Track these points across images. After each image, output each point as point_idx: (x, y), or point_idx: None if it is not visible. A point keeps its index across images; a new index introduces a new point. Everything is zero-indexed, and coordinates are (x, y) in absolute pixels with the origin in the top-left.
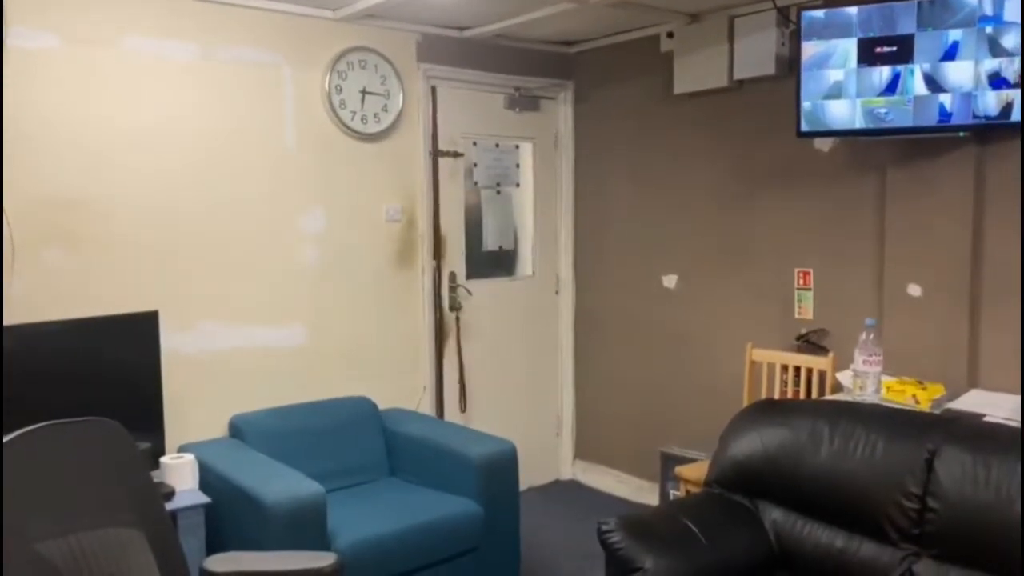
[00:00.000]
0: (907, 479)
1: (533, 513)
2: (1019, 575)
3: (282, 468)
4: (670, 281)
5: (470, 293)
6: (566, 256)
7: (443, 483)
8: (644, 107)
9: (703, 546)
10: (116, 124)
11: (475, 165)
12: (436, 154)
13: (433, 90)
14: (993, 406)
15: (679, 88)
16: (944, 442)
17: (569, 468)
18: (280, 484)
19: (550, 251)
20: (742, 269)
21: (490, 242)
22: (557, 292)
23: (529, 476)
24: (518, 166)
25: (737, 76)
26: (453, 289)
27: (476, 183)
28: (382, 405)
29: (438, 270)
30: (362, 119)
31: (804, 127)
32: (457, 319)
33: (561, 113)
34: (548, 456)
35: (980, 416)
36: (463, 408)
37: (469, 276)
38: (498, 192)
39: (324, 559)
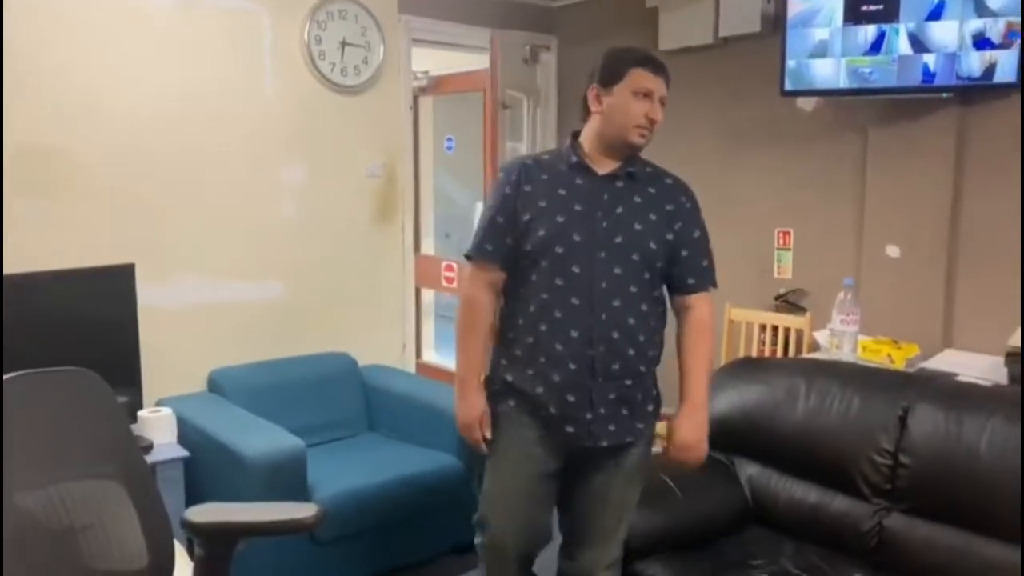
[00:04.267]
0: (881, 436)
1: None
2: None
3: (262, 422)
4: None
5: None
6: None
7: (423, 438)
8: None
9: (680, 501)
10: (91, 72)
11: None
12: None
13: (414, 43)
14: (966, 366)
15: (664, 45)
16: (917, 400)
17: None
18: (260, 438)
19: None
20: (723, 228)
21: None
22: None
23: None
24: (523, 120)
25: (722, 33)
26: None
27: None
28: (362, 361)
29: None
30: (342, 71)
31: (788, 86)
32: None
33: (545, 69)
34: None
35: (953, 375)
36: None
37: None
38: (514, 149)
39: (306, 510)
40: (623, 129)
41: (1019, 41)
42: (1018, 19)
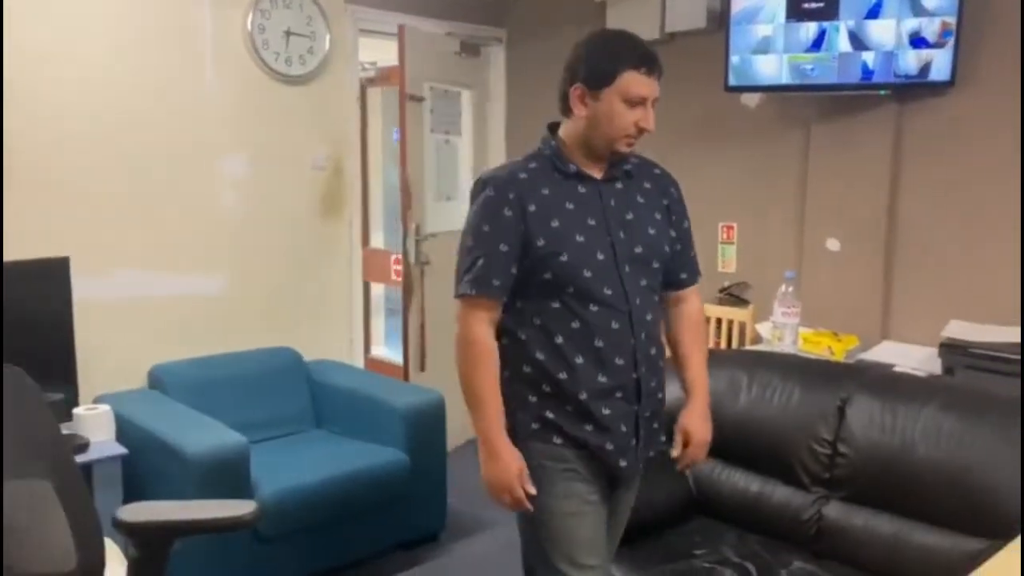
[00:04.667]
0: (820, 426)
1: (462, 463)
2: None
3: (203, 419)
4: None
5: (432, 248)
6: None
7: (370, 434)
8: None
9: None
10: (24, 61)
11: (432, 111)
12: (405, 98)
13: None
14: (903, 357)
15: None
16: (855, 391)
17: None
18: (201, 435)
19: None
20: None
21: (441, 192)
22: None
23: (459, 430)
24: (460, 114)
25: (669, 29)
26: (418, 243)
27: (433, 130)
28: (308, 356)
29: (405, 222)
30: (286, 61)
31: (732, 81)
32: (422, 274)
33: (494, 61)
34: None
35: (890, 366)
36: (421, 367)
37: (429, 228)
38: (447, 141)
39: (243, 507)
40: (609, 139)
41: (953, 40)
42: (953, 19)
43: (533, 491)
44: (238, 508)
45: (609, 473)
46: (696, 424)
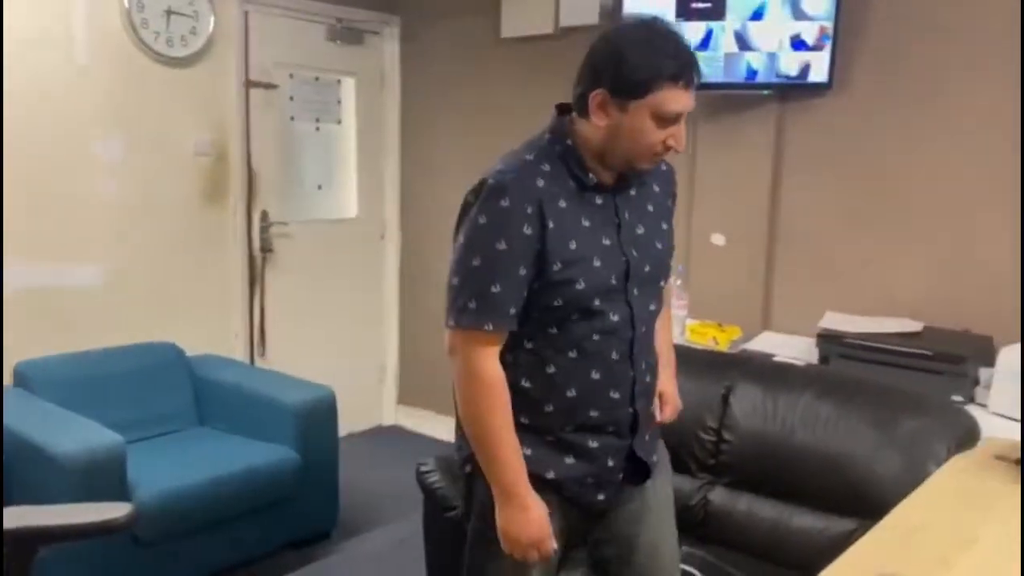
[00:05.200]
0: (706, 414)
1: (354, 459)
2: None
3: (74, 418)
4: None
5: (287, 235)
6: (392, 199)
7: (257, 431)
8: (473, 50)
9: None
10: None
11: (292, 99)
12: (249, 84)
13: (246, 15)
14: (782, 347)
15: (506, 32)
16: (739, 379)
17: (392, 414)
18: (72, 435)
19: (375, 193)
20: None
21: (308, 181)
22: (383, 236)
23: (350, 423)
24: (339, 102)
25: (563, 23)
26: (265, 229)
27: (293, 118)
28: (191, 351)
29: (249, 209)
30: (167, 41)
31: None
32: (264, 260)
33: (387, 49)
34: (370, 402)
35: (771, 356)
36: (263, 353)
37: (285, 216)
38: (317, 129)
39: (117, 510)
40: (629, 156)
41: (831, 44)
42: (830, 24)
43: (556, 545)
44: (111, 511)
45: (585, 508)
46: (670, 388)
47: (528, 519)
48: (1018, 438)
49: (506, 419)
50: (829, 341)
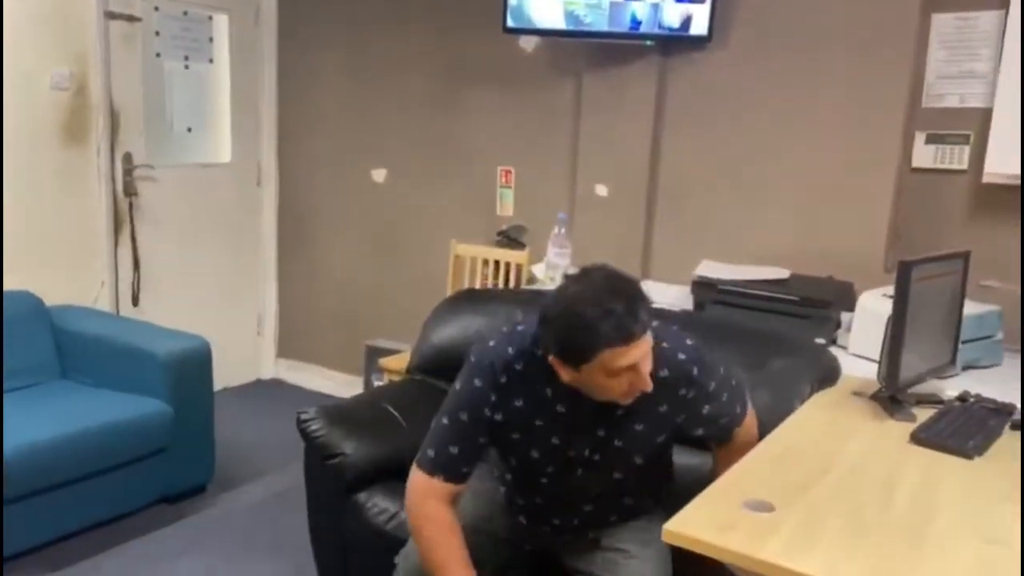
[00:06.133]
0: None
1: (231, 413)
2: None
3: None
4: (379, 175)
5: (154, 179)
6: (269, 144)
7: (127, 384)
8: None
9: (403, 429)
10: None
11: (157, 34)
12: (108, 16)
13: None
14: (660, 294)
15: None
16: None
17: (271, 367)
18: None
19: (250, 138)
20: (450, 165)
21: (177, 123)
22: (258, 182)
23: (227, 376)
24: (211, 40)
25: None
26: (129, 172)
27: (159, 54)
28: (52, 301)
29: (112, 150)
30: None
31: (510, 23)
32: (131, 205)
33: None
34: (248, 355)
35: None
36: (135, 303)
37: (151, 159)
38: (187, 67)
39: None
40: (603, 397)
41: None
42: None
43: None
44: None
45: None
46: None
47: None
48: (873, 376)
49: (448, 552)
50: (704, 288)
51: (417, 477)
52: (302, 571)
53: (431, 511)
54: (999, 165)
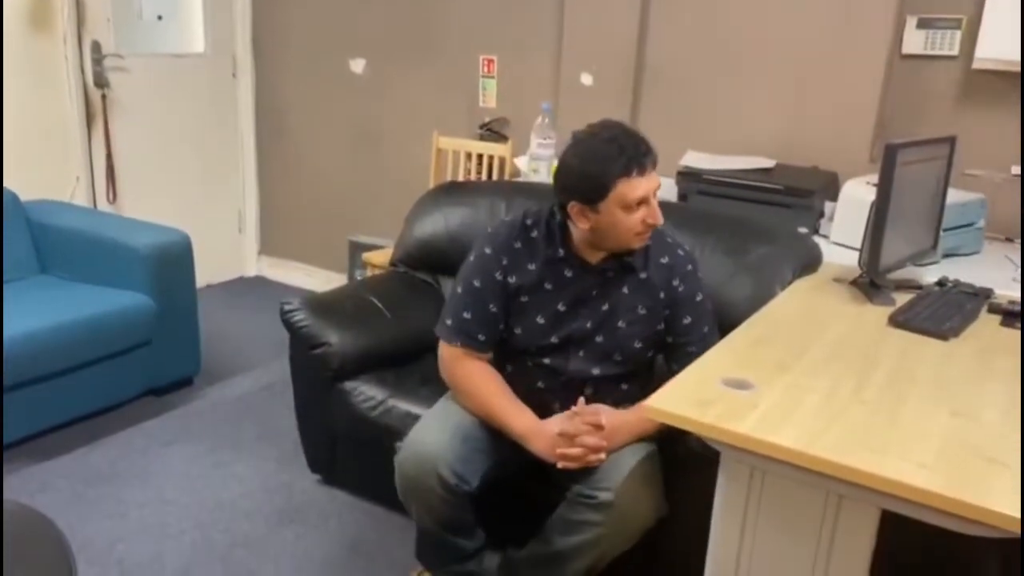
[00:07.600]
0: None
1: (216, 308)
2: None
3: None
4: (358, 66)
5: (125, 69)
6: (243, 34)
7: (108, 278)
8: None
9: (387, 320)
10: None
11: None
12: None
13: None
14: None
15: None
16: None
17: (254, 264)
18: None
19: (224, 26)
20: (430, 55)
21: (146, 10)
22: (234, 74)
23: (209, 273)
24: None
25: None
26: (98, 62)
27: None
28: (26, 196)
29: (79, 37)
30: None
31: None
32: (103, 98)
33: None
34: (230, 253)
35: None
36: (111, 199)
37: (121, 48)
38: None
39: None
40: (618, 243)
41: None
42: None
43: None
44: None
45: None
46: (615, 420)
47: (544, 442)
48: (855, 264)
49: (488, 389)
50: (688, 179)
51: (443, 348)
52: (290, 459)
53: (466, 369)
54: (991, 50)
